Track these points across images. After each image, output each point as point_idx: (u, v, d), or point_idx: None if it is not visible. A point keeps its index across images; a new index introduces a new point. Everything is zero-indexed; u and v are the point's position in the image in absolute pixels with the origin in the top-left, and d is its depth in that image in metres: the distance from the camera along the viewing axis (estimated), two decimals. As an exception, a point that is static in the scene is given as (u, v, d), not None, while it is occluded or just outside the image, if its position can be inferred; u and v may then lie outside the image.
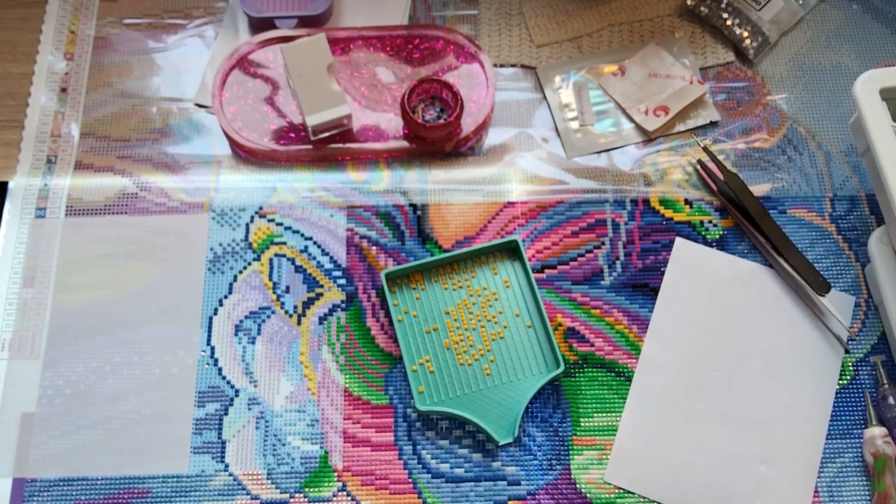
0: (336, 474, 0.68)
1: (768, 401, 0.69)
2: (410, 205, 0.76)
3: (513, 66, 0.82)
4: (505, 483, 0.67)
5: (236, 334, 0.72)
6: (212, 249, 0.74)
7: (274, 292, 0.73)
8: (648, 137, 0.79)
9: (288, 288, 0.73)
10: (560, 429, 0.69)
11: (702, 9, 0.83)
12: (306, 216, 0.76)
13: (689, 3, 0.83)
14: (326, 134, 0.77)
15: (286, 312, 0.72)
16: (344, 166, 0.78)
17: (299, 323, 0.72)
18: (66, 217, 0.75)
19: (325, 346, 0.71)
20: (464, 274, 0.73)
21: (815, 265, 0.73)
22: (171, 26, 0.83)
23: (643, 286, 0.73)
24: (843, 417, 0.69)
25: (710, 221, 0.76)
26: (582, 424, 0.69)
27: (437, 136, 0.76)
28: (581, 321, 0.72)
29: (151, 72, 0.81)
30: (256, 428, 0.69)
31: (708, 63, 0.81)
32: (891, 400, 0.68)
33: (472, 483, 0.67)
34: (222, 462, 0.68)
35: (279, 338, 0.72)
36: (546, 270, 0.74)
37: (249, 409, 0.69)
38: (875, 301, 0.72)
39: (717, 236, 0.75)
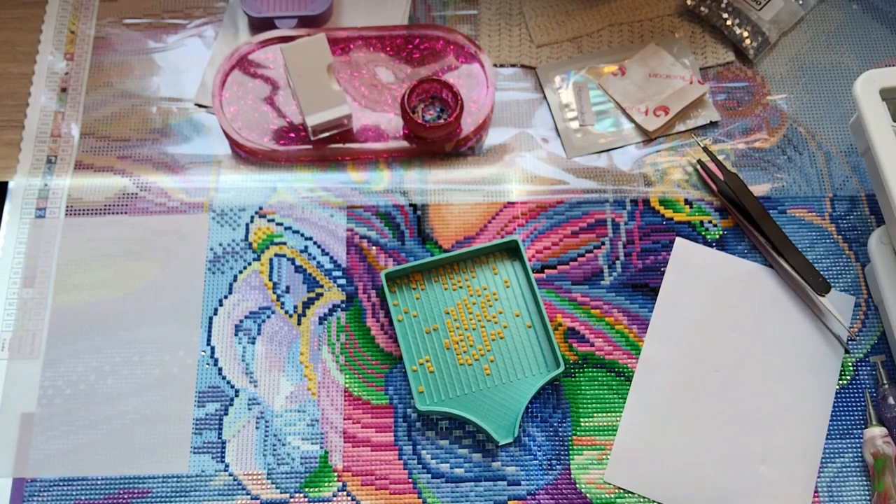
0: (336, 474, 0.68)
1: (768, 401, 0.69)
2: (410, 205, 0.76)
3: (513, 66, 0.82)
4: (505, 483, 0.67)
5: (236, 334, 0.72)
6: (212, 249, 0.74)
7: (274, 292, 0.73)
8: (648, 137, 0.79)
9: (288, 288, 0.73)
10: (560, 429, 0.69)
11: (702, 9, 0.83)
12: (306, 216, 0.76)
13: (689, 3, 0.83)
14: (326, 134, 0.77)
15: (286, 312, 0.72)
16: (344, 166, 0.78)
17: (299, 323, 0.72)
18: (66, 217, 0.75)
19: (325, 346, 0.71)
20: (464, 274, 0.73)
21: (815, 265, 0.73)
22: (171, 26, 0.83)
23: (643, 286, 0.73)
24: (843, 417, 0.69)
25: (710, 221, 0.76)
26: (582, 424, 0.69)
27: (437, 136, 0.76)
28: (581, 321, 0.72)
29: (151, 72, 0.81)
30: (256, 428, 0.69)
31: (708, 63, 0.81)
32: (891, 400, 0.68)
33: (472, 483, 0.67)
34: (222, 462, 0.68)
35: (279, 338, 0.72)
36: (546, 270, 0.74)
37: (249, 409, 0.69)
38: (875, 301, 0.72)
39: (717, 236, 0.75)
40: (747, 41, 0.81)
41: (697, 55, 0.82)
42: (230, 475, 0.67)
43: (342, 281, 0.73)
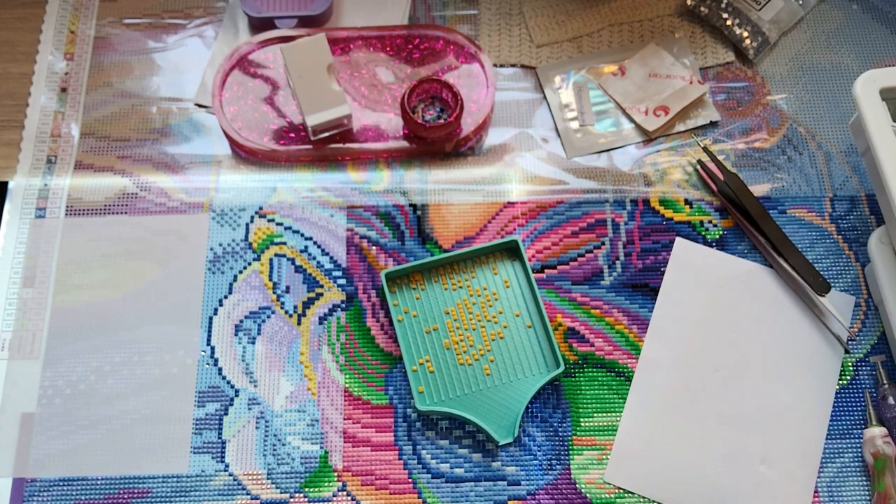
0: (336, 474, 0.68)
1: (768, 401, 0.69)
2: (410, 205, 0.76)
3: (513, 66, 0.82)
4: (505, 483, 0.67)
5: (236, 334, 0.72)
6: (212, 249, 0.74)
7: (274, 292, 0.73)
8: (648, 137, 0.79)
9: (288, 288, 0.73)
10: (560, 429, 0.69)
11: (702, 9, 0.83)
12: (306, 216, 0.76)
13: (689, 3, 0.83)
14: (326, 134, 0.77)
15: (286, 312, 0.72)
16: (344, 166, 0.78)
17: (299, 323, 0.72)
18: (66, 217, 0.75)
19: (325, 346, 0.71)
20: (464, 274, 0.73)
21: (815, 265, 0.73)
22: (171, 26, 0.83)
23: (643, 286, 0.73)
24: (843, 417, 0.69)
25: (710, 221, 0.76)
26: (582, 424, 0.69)
27: (437, 136, 0.76)
28: (581, 321, 0.72)
29: (151, 72, 0.81)
30: (256, 428, 0.69)
31: (708, 63, 0.81)
32: (891, 400, 0.68)
33: (472, 483, 0.67)
34: (222, 462, 0.68)
35: (279, 338, 0.72)
36: (546, 270, 0.74)
37: (249, 409, 0.69)
38: (875, 301, 0.72)
39: (717, 236, 0.75)
40: (747, 41, 0.81)
41: (697, 55, 0.82)
42: (230, 475, 0.67)
43: (342, 281, 0.73)
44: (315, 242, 0.75)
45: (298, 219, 0.76)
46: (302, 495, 0.67)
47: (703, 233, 0.75)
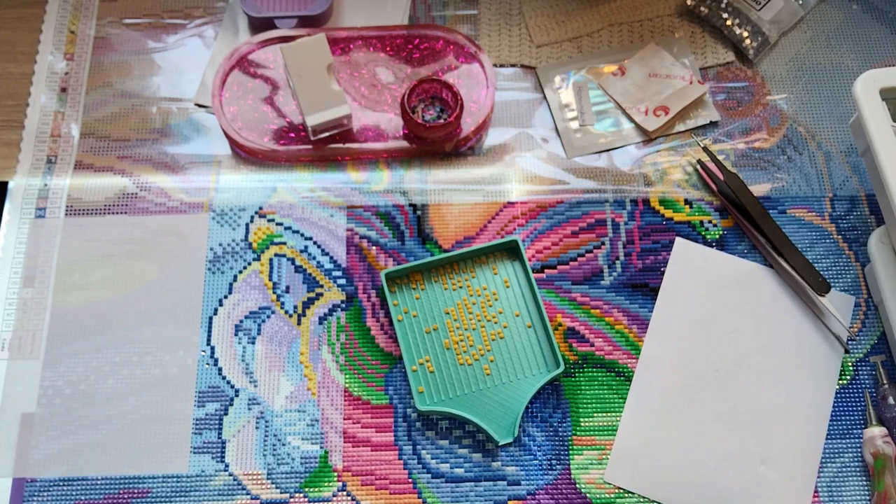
0: (336, 474, 0.68)
1: (768, 401, 0.69)
2: (410, 205, 0.76)
3: (513, 66, 0.82)
4: (505, 483, 0.67)
5: (236, 334, 0.72)
6: (212, 249, 0.74)
7: (274, 292, 0.73)
8: (648, 137, 0.79)
9: (288, 288, 0.73)
10: (560, 429, 0.69)
11: (702, 9, 0.83)
12: (306, 216, 0.76)
13: (689, 3, 0.83)
14: (326, 134, 0.77)
15: (286, 312, 0.72)
16: (344, 166, 0.78)
17: (299, 323, 0.72)
18: (66, 217, 0.75)
19: (325, 346, 0.71)
20: (464, 274, 0.73)
21: (815, 265, 0.73)
22: (171, 26, 0.83)
23: (643, 286, 0.73)
24: (843, 417, 0.69)
25: (710, 221, 0.76)
26: (582, 424, 0.69)
27: (437, 136, 0.76)
28: (581, 321, 0.72)
29: (151, 72, 0.81)
30: (256, 428, 0.69)
31: (708, 63, 0.81)
32: (891, 400, 0.68)
33: (472, 483, 0.67)
34: (222, 462, 0.68)
35: (279, 338, 0.72)
36: (546, 270, 0.74)
37: (249, 409, 0.69)
38: (875, 301, 0.72)
39: (717, 236, 0.75)
40: (747, 41, 0.81)
41: (697, 55, 0.82)
42: (230, 475, 0.67)
43: (342, 281, 0.73)
44: (315, 242, 0.75)
45: (298, 219, 0.76)
46: (302, 495, 0.67)
47: (703, 233, 0.75)
